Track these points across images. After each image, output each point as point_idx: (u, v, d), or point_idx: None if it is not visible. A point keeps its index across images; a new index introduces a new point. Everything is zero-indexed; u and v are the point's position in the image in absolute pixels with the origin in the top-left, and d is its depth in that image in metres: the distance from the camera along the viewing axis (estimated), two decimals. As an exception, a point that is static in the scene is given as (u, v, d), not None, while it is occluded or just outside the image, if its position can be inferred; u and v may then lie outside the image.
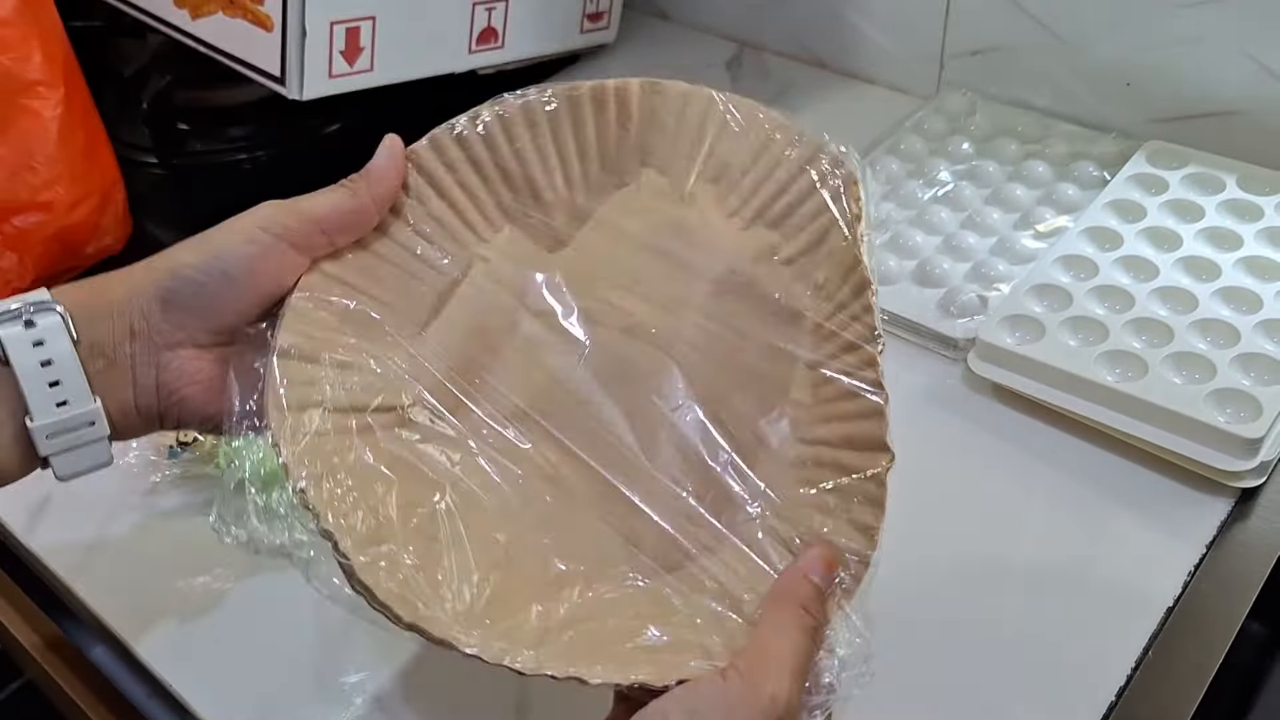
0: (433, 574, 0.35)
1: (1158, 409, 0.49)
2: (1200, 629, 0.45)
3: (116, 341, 0.38)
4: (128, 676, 0.51)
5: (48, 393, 0.37)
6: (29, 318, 0.37)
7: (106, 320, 0.38)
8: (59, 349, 0.37)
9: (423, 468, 0.37)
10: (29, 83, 0.62)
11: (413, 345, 0.39)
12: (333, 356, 0.38)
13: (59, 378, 0.37)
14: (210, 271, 0.39)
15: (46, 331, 0.37)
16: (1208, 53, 0.63)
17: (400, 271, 0.40)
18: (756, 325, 0.40)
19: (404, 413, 0.38)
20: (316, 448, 0.35)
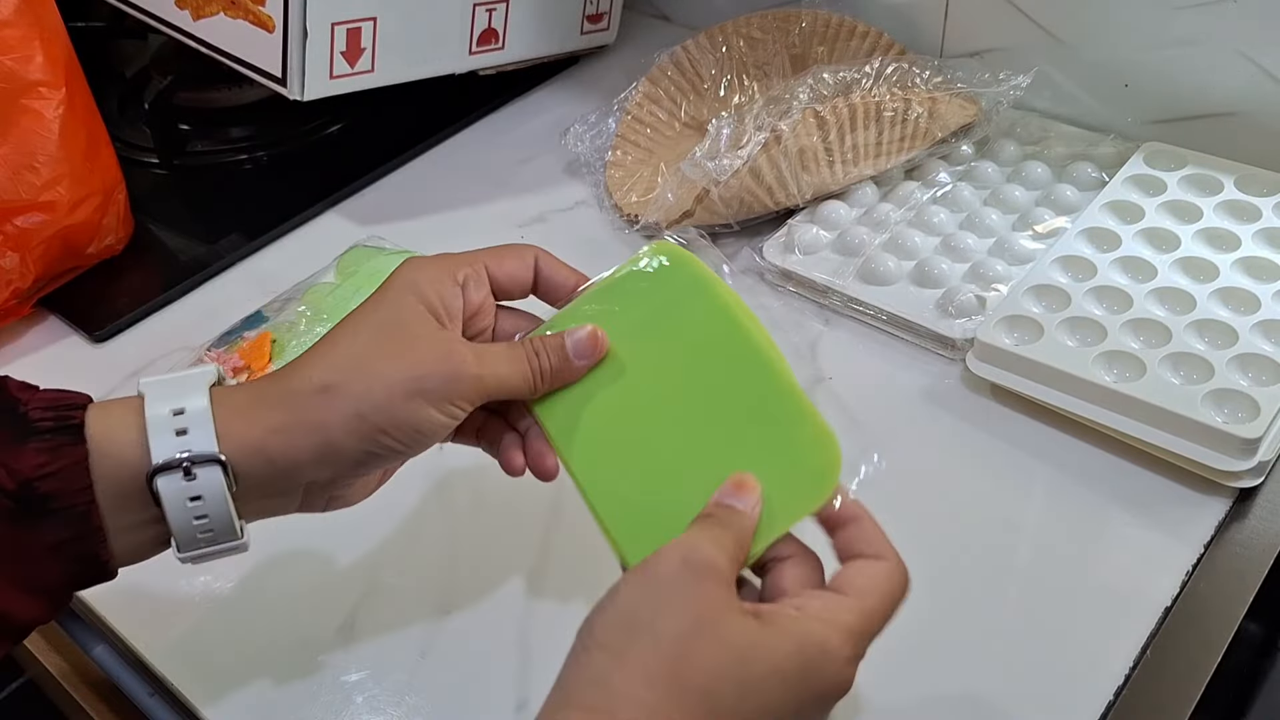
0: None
1: (1156, 409, 0.49)
2: (1198, 629, 0.45)
3: (285, 493, 0.39)
4: (129, 675, 0.51)
5: (196, 535, 0.37)
6: (189, 468, 0.36)
7: (279, 478, 0.38)
8: (215, 505, 0.36)
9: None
10: (30, 83, 0.62)
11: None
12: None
13: (211, 526, 0.37)
14: (414, 447, 0.39)
15: (205, 486, 0.36)
16: (1206, 54, 0.63)
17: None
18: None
19: None
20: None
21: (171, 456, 0.36)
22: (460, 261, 0.41)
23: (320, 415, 0.37)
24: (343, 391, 0.37)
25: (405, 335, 0.39)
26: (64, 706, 0.59)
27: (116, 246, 0.69)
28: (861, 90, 0.64)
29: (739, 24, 0.77)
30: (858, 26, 0.74)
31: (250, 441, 0.37)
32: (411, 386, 0.37)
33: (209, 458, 0.36)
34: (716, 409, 0.40)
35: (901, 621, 0.45)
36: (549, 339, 0.41)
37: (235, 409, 0.37)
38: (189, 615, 0.49)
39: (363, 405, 0.37)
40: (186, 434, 0.36)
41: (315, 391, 0.37)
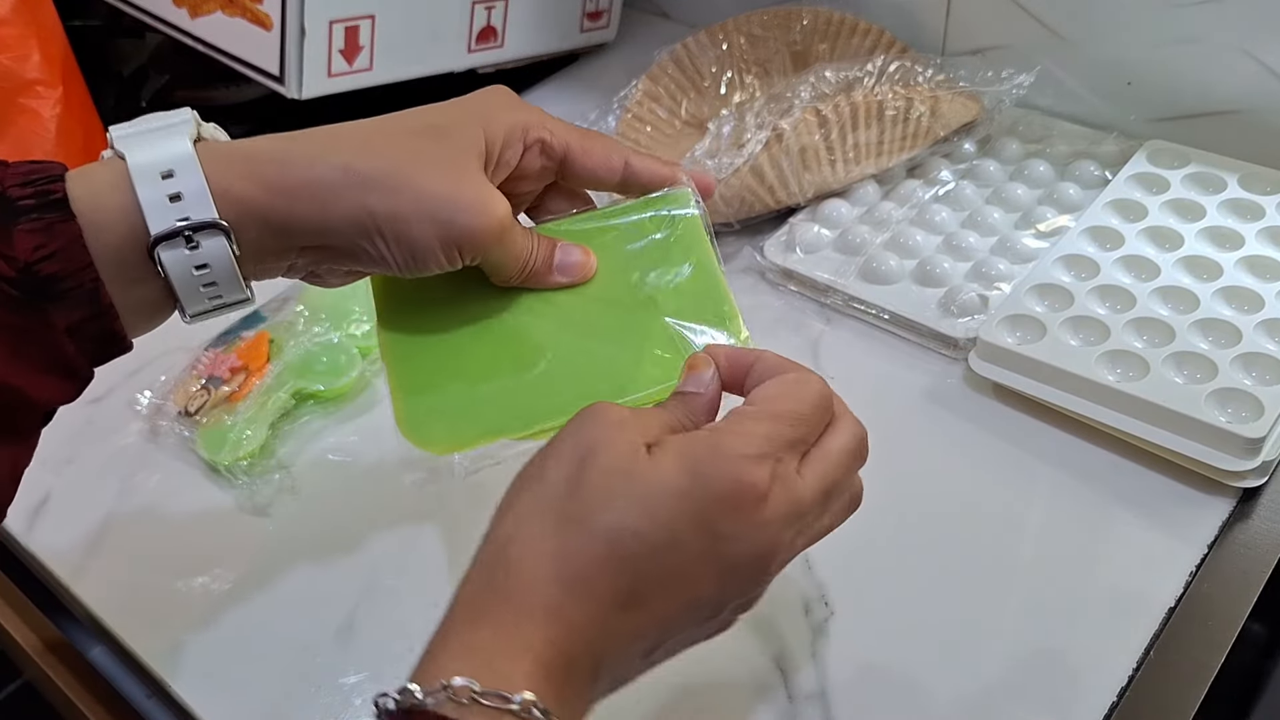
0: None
1: (1159, 409, 0.49)
2: (1202, 629, 0.45)
3: (278, 261, 0.38)
4: (126, 677, 0.51)
5: (204, 299, 0.37)
6: (190, 235, 0.35)
7: (275, 247, 0.37)
8: (221, 270, 0.36)
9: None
10: (27, 82, 0.62)
11: None
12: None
13: (219, 291, 0.37)
14: (401, 257, 0.38)
15: (210, 254, 0.35)
16: (1209, 52, 0.63)
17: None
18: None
19: None
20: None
21: (170, 226, 0.35)
22: (543, 125, 0.41)
23: (333, 193, 0.36)
24: (368, 180, 0.36)
25: (453, 163, 0.38)
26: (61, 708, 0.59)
27: (114, 246, 0.69)
28: (863, 88, 0.64)
29: (740, 21, 0.77)
30: (859, 24, 0.73)
31: (248, 203, 0.36)
32: (440, 215, 0.37)
33: (210, 224, 0.35)
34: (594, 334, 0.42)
35: (902, 621, 0.45)
36: (543, 240, 0.41)
37: (236, 174, 0.36)
38: (187, 617, 0.49)
39: (380, 205, 0.36)
40: (181, 200, 0.35)
41: (338, 168, 0.36)
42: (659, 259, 0.43)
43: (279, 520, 0.52)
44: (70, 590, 0.51)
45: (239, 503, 0.53)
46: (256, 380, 0.56)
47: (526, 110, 0.41)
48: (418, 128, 0.39)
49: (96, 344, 0.36)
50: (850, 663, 0.45)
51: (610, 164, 0.42)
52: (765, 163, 0.62)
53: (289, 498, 0.53)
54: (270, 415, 0.55)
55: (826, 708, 0.43)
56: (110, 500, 0.54)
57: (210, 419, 0.55)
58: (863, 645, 0.45)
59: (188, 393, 0.56)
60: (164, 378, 0.59)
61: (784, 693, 0.44)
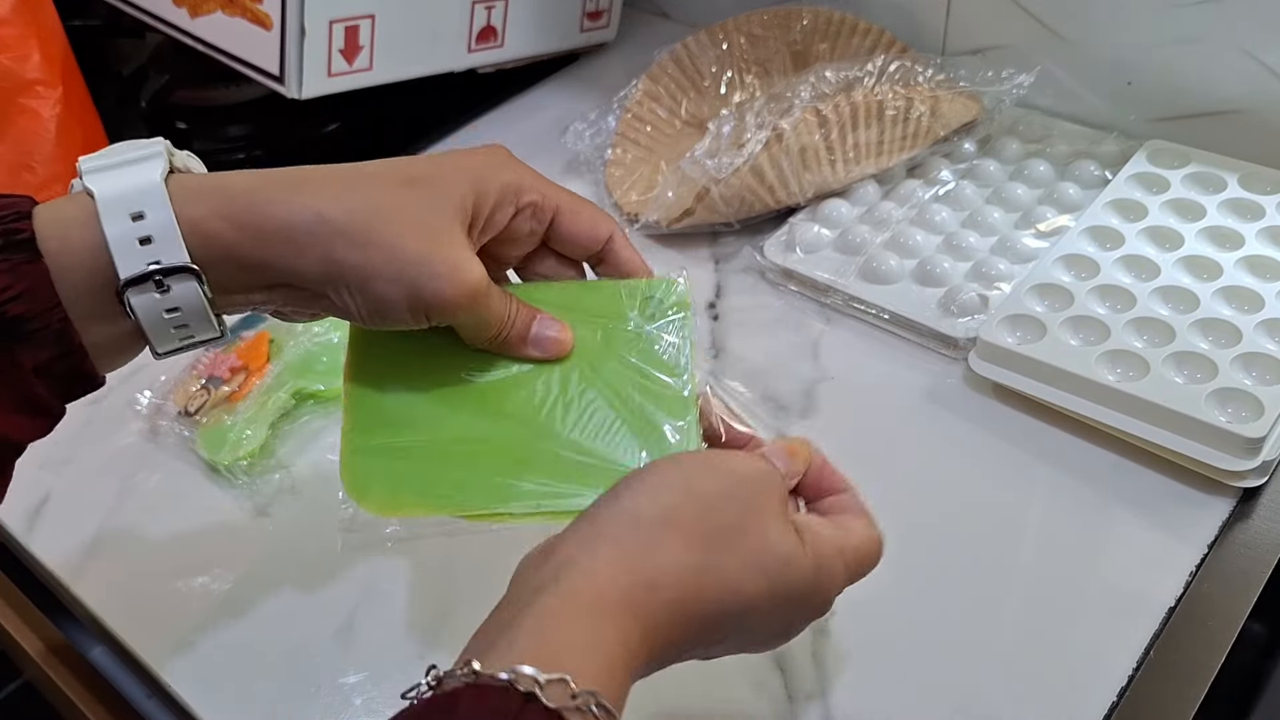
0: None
1: (1159, 409, 0.49)
2: (1202, 629, 0.44)
3: (245, 299, 0.37)
4: (127, 677, 0.51)
5: (173, 335, 0.36)
6: (160, 278, 0.34)
7: (245, 283, 0.36)
8: (192, 315, 0.36)
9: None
10: (27, 82, 0.62)
11: None
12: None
13: (189, 330, 0.36)
14: (364, 311, 0.37)
15: (181, 298, 0.35)
16: (1209, 52, 0.63)
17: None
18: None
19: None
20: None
21: (141, 270, 0.34)
22: (533, 189, 0.40)
23: (303, 238, 0.35)
24: (336, 232, 0.35)
25: (432, 222, 0.37)
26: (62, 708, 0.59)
27: (114, 246, 0.68)
28: (864, 88, 0.64)
29: (740, 21, 0.77)
30: (860, 24, 0.73)
31: (218, 240, 0.35)
32: (408, 275, 0.36)
33: (181, 268, 0.34)
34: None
35: (903, 622, 0.45)
36: (523, 309, 0.41)
37: (206, 209, 0.35)
38: (187, 617, 0.49)
39: (349, 258, 0.36)
40: (151, 243, 0.34)
41: (308, 215, 0.35)
42: (643, 351, 0.41)
43: (279, 520, 0.52)
44: (70, 591, 0.51)
45: (239, 503, 0.53)
46: (256, 380, 0.56)
47: (521, 171, 0.40)
48: (402, 179, 0.38)
49: (66, 382, 0.36)
50: (850, 663, 0.45)
51: (596, 232, 0.42)
52: (765, 162, 0.62)
53: (289, 498, 0.53)
54: (270, 415, 0.55)
55: (827, 708, 0.43)
56: (110, 500, 0.54)
57: (210, 419, 0.55)
58: (863, 645, 0.45)
59: (188, 393, 0.56)
60: (164, 378, 0.59)
61: (784, 692, 0.44)
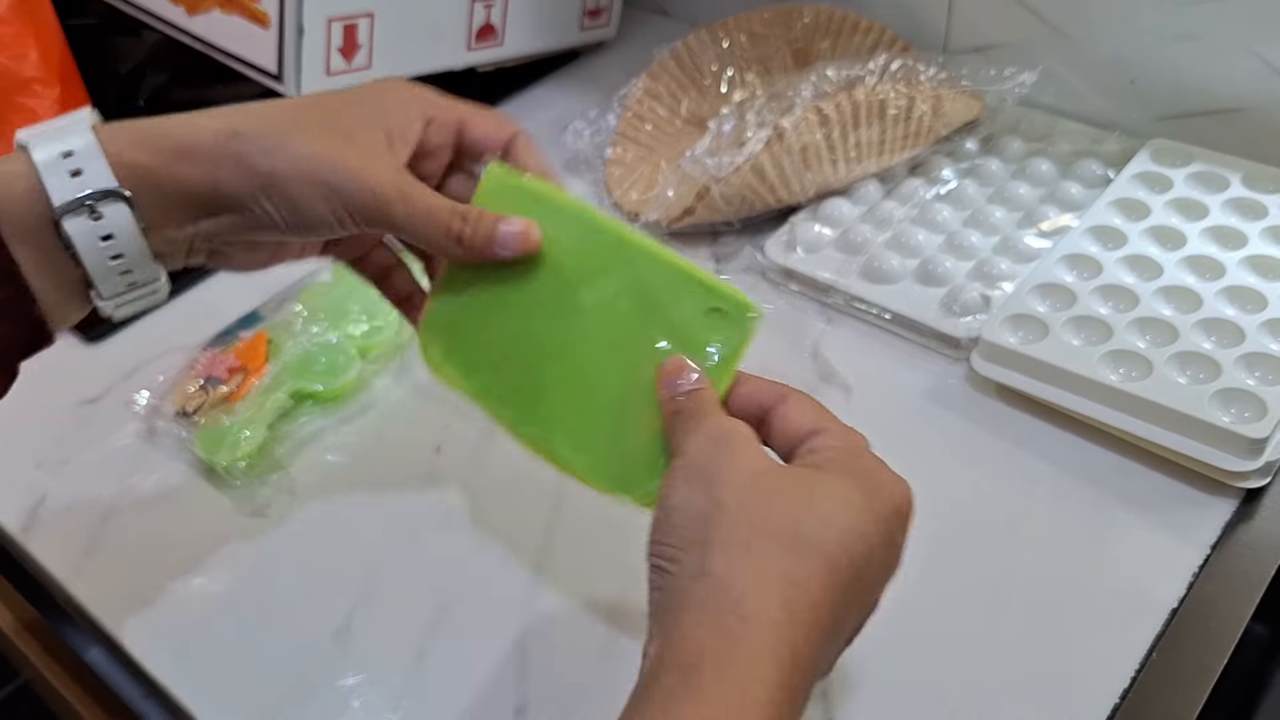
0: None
1: (1162, 409, 0.49)
2: (1204, 631, 0.44)
3: (178, 229, 0.38)
4: (124, 678, 0.51)
5: (116, 277, 0.37)
6: (93, 205, 0.36)
7: (173, 210, 0.37)
8: (128, 242, 0.36)
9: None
10: (25, 80, 0.61)
11: None
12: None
13: (128, 266, 0.37)
14: (289, 227, 0.38)
15: (114, 224, 0.36)
16: (1212, 50, 0.62)
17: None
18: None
19: None
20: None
21: (72, 197, 0.36)
22: (436, 104, 0.42)
23: (216, 153, 0.37)
24: (247, 141, 0.37)
25: (342, 128, 0.39)
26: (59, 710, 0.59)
27: (112, 245, 0.68)
28: (865, 87, 0.64)
29: (741, 19, 0.76)
30: (861, 22, 0.73)
31: (141, 169, 0.37)
32: (319, 175, 0.38)
33: (110, 192, 0.36)
34: (607, 313, 0.41)
35: (903, 623, 0.45)
36: (484, 214, 0.41)
37: (126, 141, 0.37)
38: (184, 618, 0.49)
39: (261, 164, 0.37)
40: (81, 175, 0.36)
41: (221, 132, 0.37)
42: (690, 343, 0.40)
43: (277, 521, 0.52)
44: (67, 591, 0.50)
45: (237, 503, 0.53)
46: (255, 380, 0.56)
47: (422, 90, 0.42)
48: (312, 101, 0.40)
49: (15, 325, 0.36)
50: (850, 663, 0.44)
51: (500, 134, 0.43)
52: (766, 161, 0.62)
53: (287, 498, 0.53)
54: (268, 416, 0.55)
55: (827, 708, 0.43)
56: (107, 501, 0.54)
57: (208, 419, 0.55)
58: (863, 645, 0.45)
59: (185, 393, 0.56)
60: (161, 378, 0.59)
61: (785, 695, 0.44)
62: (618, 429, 0.40)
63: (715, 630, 0.30)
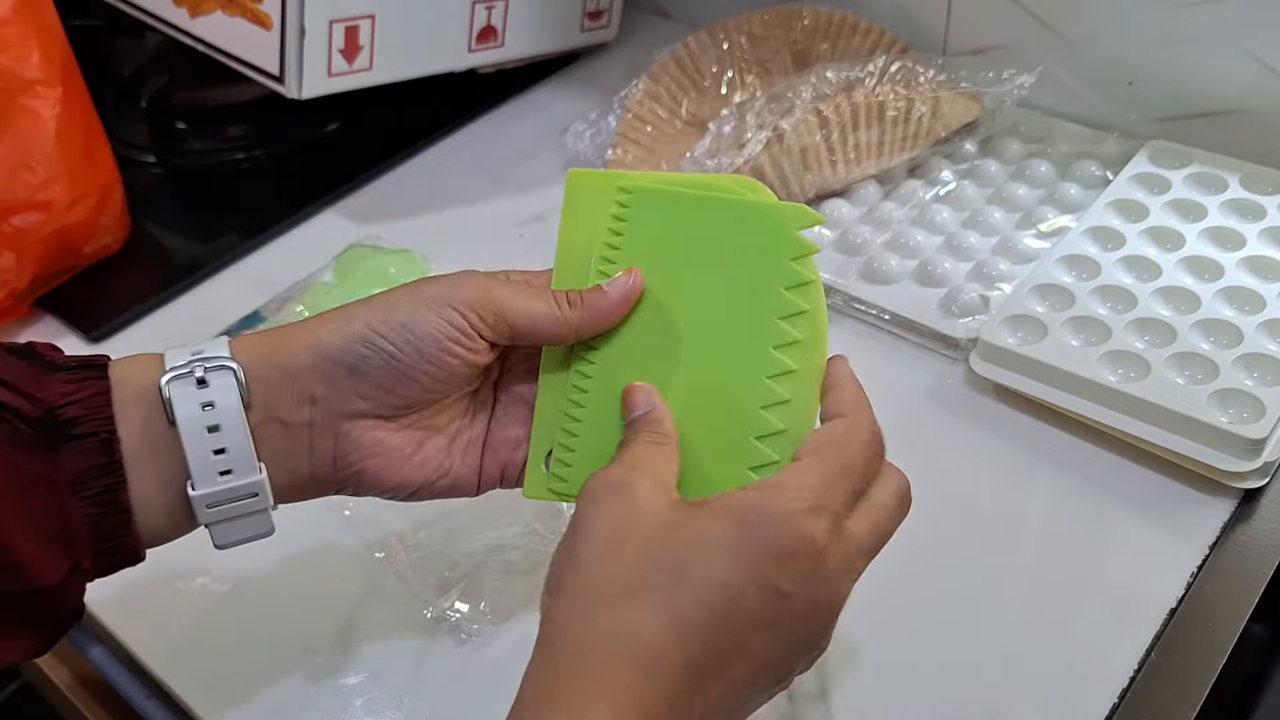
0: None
1: (1160, 409, 0.49)
2: (1203, 631, 0.44)
3: (294, 406, 0.37)
4: (126, 678, 0.51)
5: (212, 460, 0.36)
6: (201, 375, 0.35)
7: (286, 383, 0.37)
8: (228, 413, 0.35)
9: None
10: (27, 82, 0.61)
11: None
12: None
13: (225, 445, 0.36)
14: (404, 346, 0.37)
15: (218, 392, 0.35)
16: (1210, 52, 0.63)
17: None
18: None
19: None
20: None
21: (183, 363, 0.36)
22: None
23: (318, 321, 0.38)
24: (350, 307, 0.38)
25: (422, 280, 0.39)
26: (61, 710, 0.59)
27: (113, 246, 0.68)
28: (864, 88, 0.64)
29: (740, 21, 0.77)
30: (860, 24, 0.73)
31: (259, 355, 0.37)
32: (413, 295, 0.37)
33: (220, 364, 0.36)
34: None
35: (903, 623, 0.45)
36: (582, 290, 0.39)
37: (252, 336, 0.38)
38: (187, 618, 0.49)
39: (357, 309, 0.37)
40: (202, 354, 0.36)
41: (321, 315, 0.38)
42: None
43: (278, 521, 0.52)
44: (70, 591, 0.51)
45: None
46: (256, 381, 0.56)
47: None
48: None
49: (99, 507, 0.35)
50: (850, 663, 0.44)
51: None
52: (766, 163, 0.62)
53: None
54: (270, 416, 0.55)
55: (827, 708, 0.43)
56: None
57: (210, 419, 0.55)
58: (863, 646, 0.45)
59: (187, 393, 0.56)
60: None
61: (784, 694, 0.44)
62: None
63: (552, 663, 0.31)
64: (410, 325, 0.36)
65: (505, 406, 0.41)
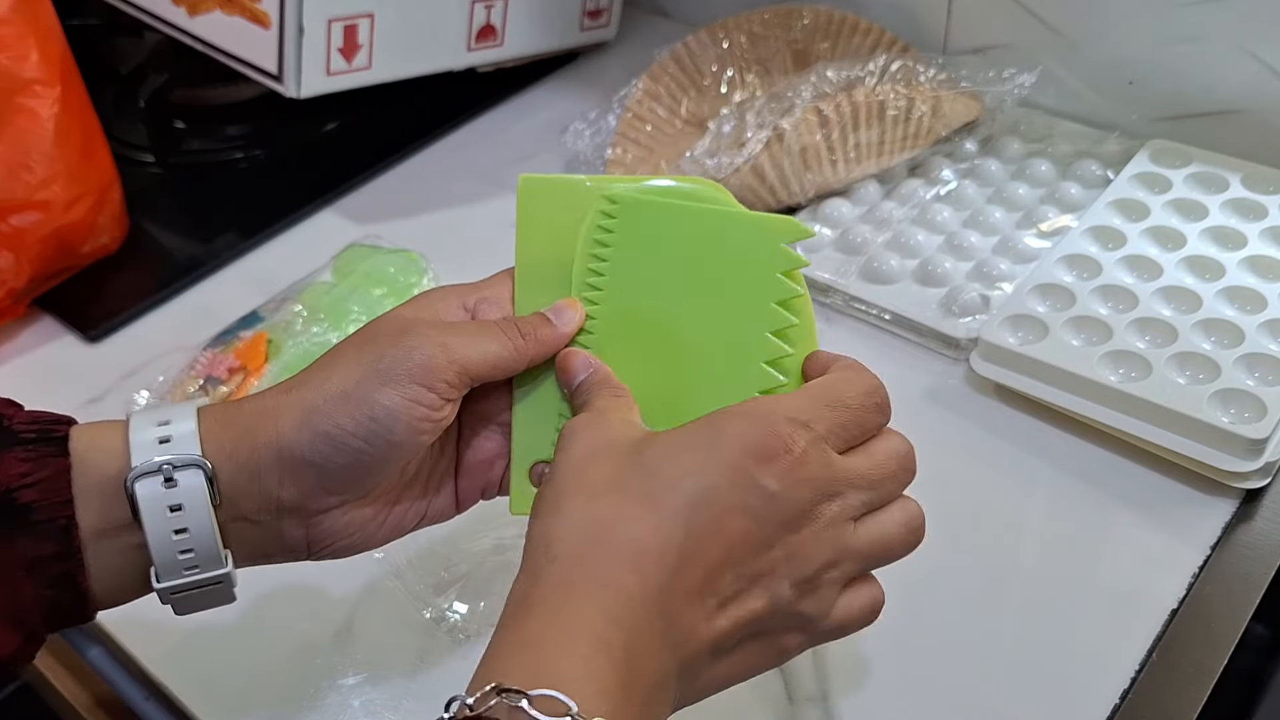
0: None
1: (1161, 409, 0.49)
2: (1204, 631, 0.44)
3: (260, 508, 0.36)
4: (124, 678, 0.51)
5: (178, 559, 0.35)
6: (170, 474, 0.34)
7: (251, 484, 0.35)
8: (196, 514, 0.34)
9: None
10: (26, 81, 0.61)
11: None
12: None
13: (192, 546, 0.34)
14: (373, 440, 0.35)
15: (186, 495, 0.34)
16: (1211, 51, 0.63)
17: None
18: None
19: None
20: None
21: (150, 460, 0.34)
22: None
23: (278, 410, 0.35)
24: (307, 384, 0.36)
25: (374, 335, 0.37)
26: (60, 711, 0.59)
27: (111, 245, 0.68)
28: (865, 88, 0.64)
29: (740, 20, 0.77)
30: (860, 23, 0.73)
31: (225, 447, 0.35)
32: (370, 368, 0.35)
33: (190, 462, 0.34)
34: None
35: (904, 623, 0.45)
36: (526, 317, 0.38)
37: (218, 418, 0.36)
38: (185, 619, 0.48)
39: (317, 396, 0.35)
40: (170, 442, 0.34)
41: (279, 392, 0.36)
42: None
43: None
44: (68, 592, 0.50)
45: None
46: (254, 380, 0.56)
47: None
48: (345, 342, 0.38)
49: (55, 588, 0.34)
50: (850, 663, 0.44)
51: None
52: (766, 162, 0.62)
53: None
54: (269, 416, 0.55)
55: (827, 709, 0.43)
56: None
57: (208, 419, 0.55)
58: (863, 646, 0.45)
59: (185, 393, 0.56)
60: (161, 378, 0.59)
61: (784, 694, 0.44)
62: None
63: (529, 573, 0.31)
64: (376, 416, 0.34)
65: (471, 429, 0.40)
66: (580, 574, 0.30)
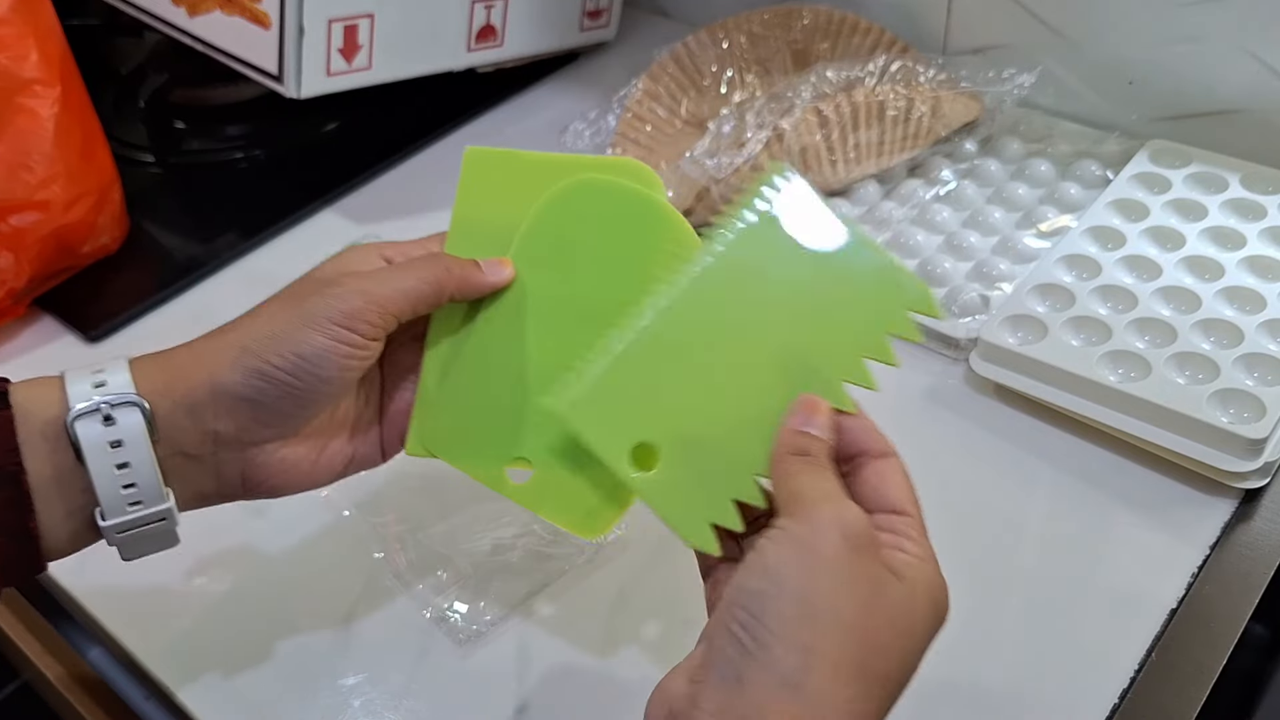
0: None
1: (1161, 409, 0.49)
2: (1203, 631, 0.44)
3: (198, 441, 0.38)
4: (125, 678, 0.51)
5: (121, 494, 0.36)
6: (108, 413, 0.36)
7: (187, 418, 0.37)
8: (136, 449, 0.36)
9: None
10: (25, 81, 0.61)
11: None
12: None
13: (135, 480, 0.36)
14: (301, 374, 0.37)
15: (125, 431, 0.36)
16: (1210, 51, 0.63)
17: None
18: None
19: None
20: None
21: (90, 401, 0.36)
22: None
23: (211, 352, 0.38)
24: (236, 329, 0.38)
25: (298, 289, 0.39)
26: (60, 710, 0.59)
27: (111, 246, 0.68)
28: (864, 88, 0.64)
29: (740, 20, 0.77)
30: (860, 23, 0.73)
31: (159, 387, 0.37)
32: (296, 313, 0.38)
33: (126, 400, 0.36)
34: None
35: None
36: (452, 256, 0.41)
37: (151, 364, 0.38)
38: (185, 618, 0.49)
39: (247, 337, 0.37)
40: (104, 386, 0.36)
41: (210, 337, 0.38)
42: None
43: (277, 521, 0.52)
44: (68, 591, 0.50)
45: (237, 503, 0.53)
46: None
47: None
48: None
49: (7, 538, 0.35)
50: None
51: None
52: (766, 162, 0.62)
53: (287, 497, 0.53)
54: (269, 416, 0.55)
55: (827, 710, 0.43)
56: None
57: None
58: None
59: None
60: (162, 378, 0.58)
61: (784, 695, 0.44)
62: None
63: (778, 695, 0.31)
64: (303, 354, 0.37)
65: (393, 381, 0.43)
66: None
